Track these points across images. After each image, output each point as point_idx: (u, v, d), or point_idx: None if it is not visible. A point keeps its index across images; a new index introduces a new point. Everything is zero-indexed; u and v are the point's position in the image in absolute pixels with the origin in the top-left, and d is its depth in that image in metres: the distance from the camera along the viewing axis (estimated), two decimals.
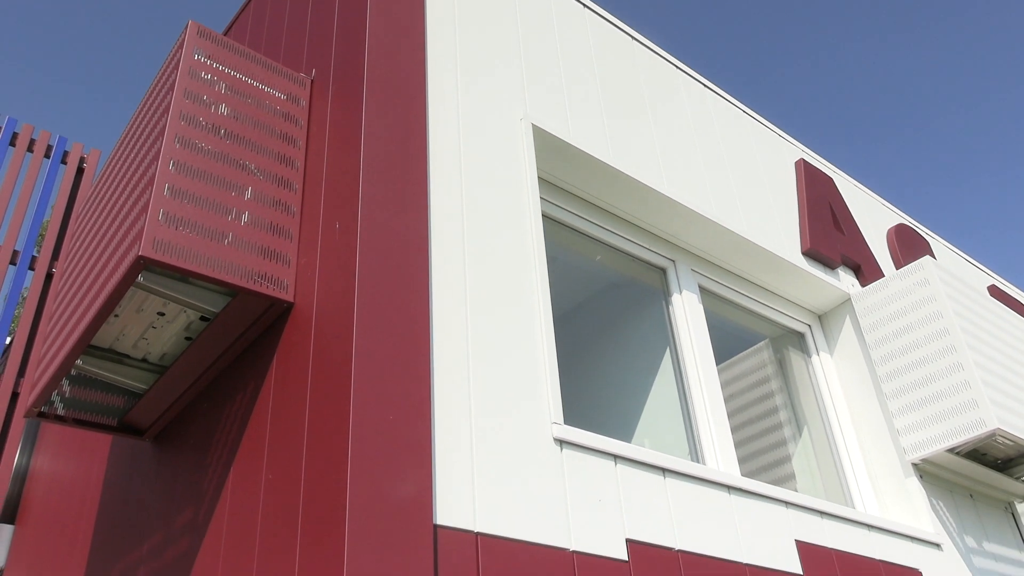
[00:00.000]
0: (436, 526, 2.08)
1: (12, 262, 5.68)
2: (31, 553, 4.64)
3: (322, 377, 2.23)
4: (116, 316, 2.82)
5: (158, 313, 2.79)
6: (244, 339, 2.73)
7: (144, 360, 3.05)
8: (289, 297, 2.54)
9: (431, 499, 2.08)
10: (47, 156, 6.13)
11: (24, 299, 7.15)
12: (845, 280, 4.30)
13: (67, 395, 3.14)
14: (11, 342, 5.58)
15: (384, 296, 2.28)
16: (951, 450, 3.74)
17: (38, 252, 5.93)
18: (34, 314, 5.61)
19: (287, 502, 2.17)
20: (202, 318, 2.78)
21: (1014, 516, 4.22)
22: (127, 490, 3.37)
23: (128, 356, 3.03)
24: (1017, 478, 4.09)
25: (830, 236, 4.34)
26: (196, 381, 2.95)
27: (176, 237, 2.40)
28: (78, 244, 3.30)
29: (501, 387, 2.45)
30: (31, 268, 5.77)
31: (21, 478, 5.53)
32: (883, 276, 4.38)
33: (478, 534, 2.15)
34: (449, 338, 2.39)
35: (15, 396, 5.33)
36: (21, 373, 5.39)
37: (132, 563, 3.05)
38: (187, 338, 2.89)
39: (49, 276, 5.79)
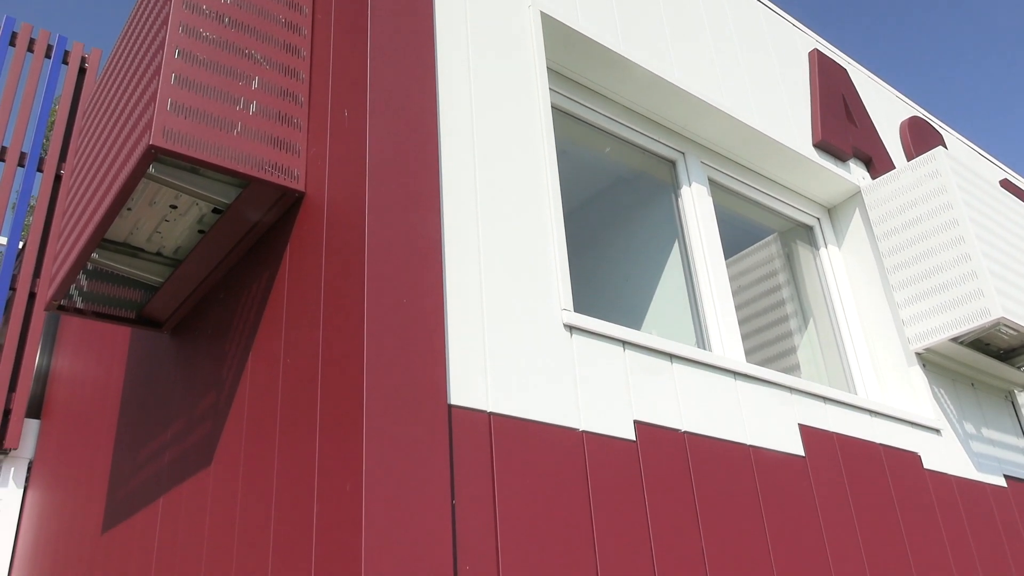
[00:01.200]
0: (450, 406, 2.15)
1: (20, 164, 5.68)
2: (57, 446, 4.81)
3: (336, 264, 2.26)
4: (129, 210, 2.84)
5: (170, 206, 2.81)
6: (257, 230, 2.75)
7: (159, 254, 3.09)
8: (300, 186, 2.55)
9: (445, 379, 2.15)
10: (48, 56, 6.05)
11: (34, 207, 7.18)
12: (856, 173, 4.27)
13: (85, 289, 3.20)
14: (24, 247, 5.64)
15: (395, 182, 2.29)
16: (955, 339, 3.79)
17: (45, 154, 5.92)
18: (45, 216, 5.64)
19: (305, 386, 2.24)
20: (214, 210, 2.80)
21: (1014, 404, 4.31)
22: (148, 382, 3.47)
23: (143, 250, 3.07)
24: (1019, 367, 4.16)
25: (842, 128, 4.29)
26: (211, 273, 3.00)
27: (185, 126, 2.40)
28: (87, 140, 3.30)
29: (512, 274, 2.48)
30: (39, 170, 5.77)
31: (43, 377, 5.67)
32: (894, 169, 4.34)
33: (491, 414, 2.22)
34: (461, 226, 2.42)
35: (32, 296, 5.42)
36: (37, 274, 5.47)
37: (157, 449, 3.17)
38: (200, 231, 2.92)
39: (58, 178, 5.80)
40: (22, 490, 5.22)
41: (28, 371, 5.21)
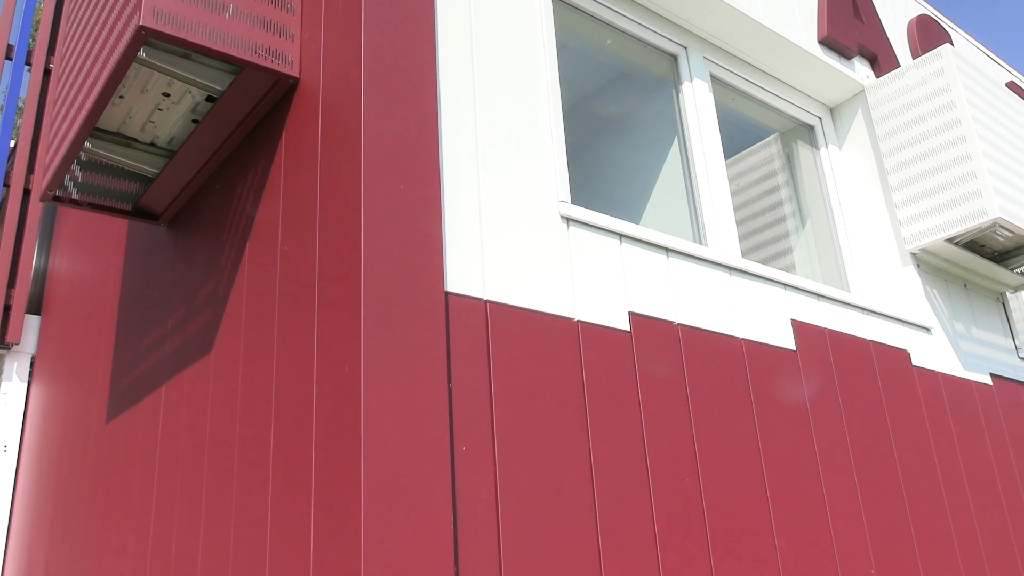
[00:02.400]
0: (447, 293, 2.17)
1: (8, 57, 5.56)
2: (59, 341, 4.87)
3: (332, 152, 2.25)
4: (121, 97, 2.80)
5: (163, 94, 2.77)
6: (251, 118, 2.72)
7: (153, 144, 3.06)
8: (294, 72, 2.51)
9: (442, 267, 2.16)
10: None
11: (23, 108, 7.05)
12: (860, 71, 4.20)
13: (80, 180, 3.18)
14: (16, 145, 5.57)
15: (391, 69, 2.25)
16: (950, 240, 3.80)
17: (33, 48, 5.79)
18: (36, 111, 5.56)
19: (303, 272, 2.26)
20: (208, 99, 2.76)
21: (1004, 306, 4.36)
22: (147, 274, 3.49)
23: (136, 140, 3.04)
24: (1012, 269, 4.19)
25: (849, 24, 4.19)
26: (206, 163, 2.98)
27: (176, 7, 2.34)
28: (75, 25, 3.22)
29: (509, 165, 2.47)
30: (27, 63, 5.65)
31: (41, 277, 5.70)
32: (899, 67, 4.27)
33: (487, 301, 2.25)
34: (457, 115, 2.39)
35: (27, 193, 5.39)
36: (31, 170, 5.42)
37: (158, 339, 3.21)
38: (194, 120, 2.89)
39: (47, 72, 5.68)
40: (26, 384, 5.32)
41: (27, 266, 5.23)
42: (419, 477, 1.91)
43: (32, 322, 5.42)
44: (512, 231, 2.39)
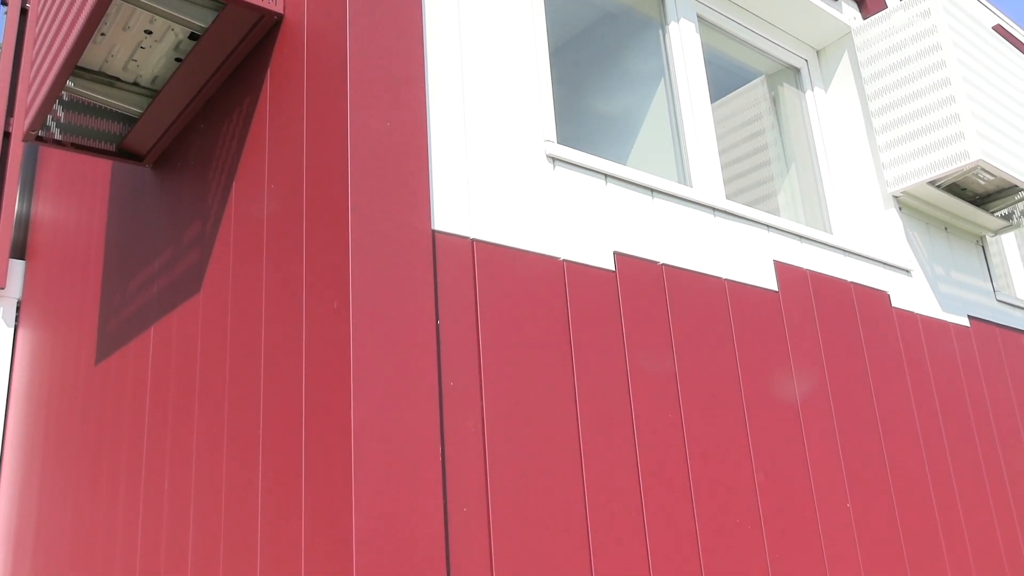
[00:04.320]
0: (434, 231, 2.19)
1: None
2: (45, 285, 4.87)
3: (318, 89, 2.24)
4: (103, 35, 2.76)
5: (145, 31, 2.73)
6: (235, 56, 2.70)
7: (136, 83, 3.03)
8: (278, 8, 2.49)
9: (429, 205, 2.18)
10: None
11: (0, 47, 6.91)
12: (847, 12, 4.18)
13: (62, 120, 3.15)
14: None
15: (376, 4, 2.23)
16: (932, 183, 3.84)
17: None
18: (14, 51, 5.46)
19: (291, 210, 2.27)
20: (191, 36, 2.73)
21: (984, 249, 4.42)
22: (132, 216, 3.48)
23: (119, 79, 3.01)
24: (993, 213, 4.24)
25: None
26: (191, 102, 2.96)
27: None
28: None
29: (496, 104, 2.47)
30: (3, 2, 5.54)
31: (25, 223, 5.66)
32: (886, 8, 4.25)
33: (474, 240, 2.27)
34: (444, 53, 2.38)
35: (7, 135, 5.33)
36: (10, 112, 5.35)
37: (145, 280, 3.22)
38: (177, 59, 2.86)
39: (24, 11, 5.57)
40: (12, 328, 5.32)
41: (9, 209, 5.20)
42: (407, 410, 1.95)
43: (17, 267, 5.40)
44: (498, 170, 2.40)
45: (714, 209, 3.03)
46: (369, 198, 2.05)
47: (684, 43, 3.52)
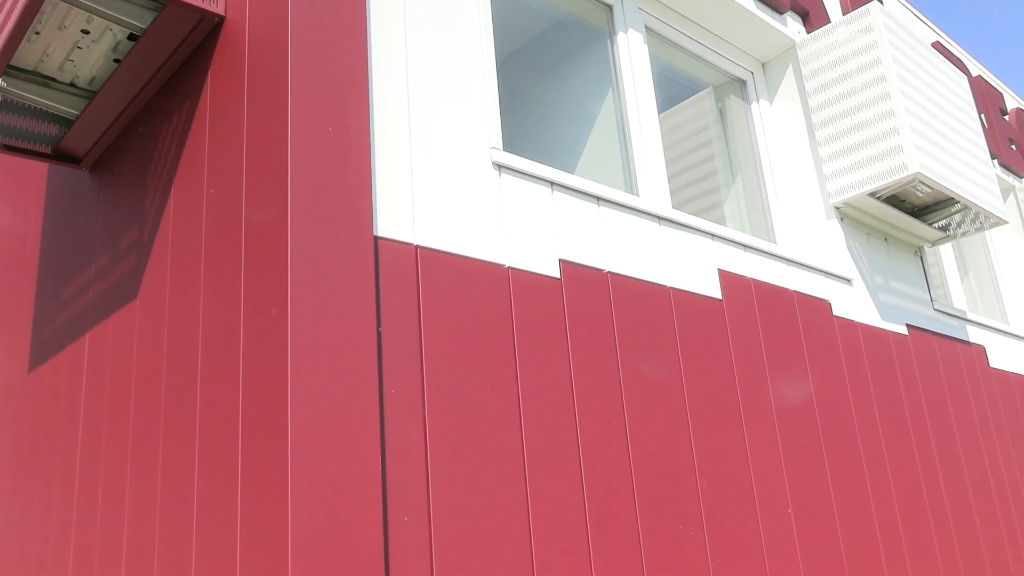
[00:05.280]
0: (377, 237, 2.17)
1: None
2: None
3: (259, 92, 2.20)
4: (37, 34, 2.69)
5: (82, 31, 2.67)
6: (175, 58, 2.65)
7: (72, 84, 2.95)
8: (219, 10, 2.44)
9: (371, 211, 2.15)
10: None
11: None
12: (792, 27, 4.26)
13: None
14: None
15: (320, 8, 2.21)
16: (873, 194, 3.92)
17: None
18: None
19: (229, 216, 2.23)
20: (130, 37, 2.67)
21: (922, 260, 4.53)
22: (69, 221, 3.39)
23: (55, 80, 2.93)
24: (931, 224, 4.35)
25: None
26: (129, 104, 2.89)
27: None
28: None
29: (442, 110, 2.46)
30: None
31: None
32: (829, 23, 4.34)
33: (418, 247, 2.25)
34: (390, 58, 2.36)
35: None
36: None
37: (81, 287, 3.14)
38: (115, 60, 2.79)
39: None
40: None
41: None
42: (347, 418, 1.93)
43: None
44: (443, 177, 2.39)
45: (660, 218, 3.05)
46: (309, 204, 2.02)
47: (632, 54, 3.55)
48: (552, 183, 2.72)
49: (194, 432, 2.21)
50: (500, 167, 2.57)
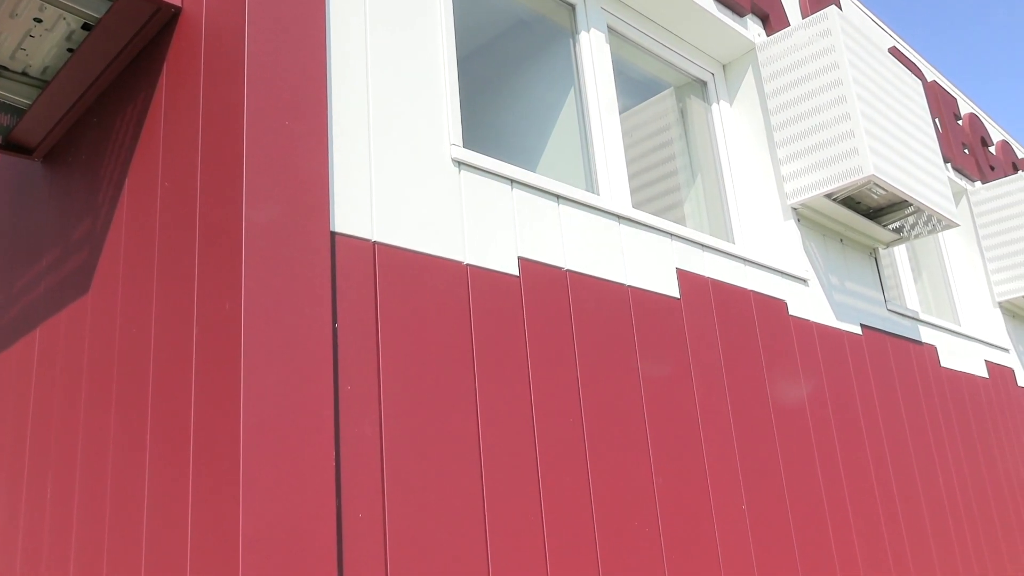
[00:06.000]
0: (334, 233, 2.16)
1: None
2: None
3: (215, 84, 2.18)
4: None
5: (35, 19, 2.62)
6: (131, 48, 2.61)
7: (24, 73, 2.89)
8: (176, 1, 2.41)
9: (328, 206, 2.14)
10: None
11: None
12: (752, 29, 4.32)
13: None
14: None
15: (278, 0, 2.19)
16: (829, 196, 3.99)
17: None
18: None
19: (184, 208, 2.20)
20: (84, 27, 2.63)
21: (876, 261, 4.62)
22: (20, 212, 3.32)
23: (6, 68, 2.87)
24: (885, 226, 4.43)
25: None
26: (83, 95, 2.84)
27: None
28: None
29: (401, 107, 2.45)
30: None
31: None
32: (789, 27, 4.40)
33: (376, 243, 2.25)
34: (348, 52, 2.35)
35: None
36: None
37: (32, 280, 3.08)
38: (69, 49, 2.74)
39: None
40: None
41: None
42: (300, 415, 1.92)
43: None
44: (403, 173, 2.38)
45: (619, 217, 3.07)
46: (264, 198, 2.00)
47: (594, 53, 3.57)
48: (512, 180, 2.72)
49: (145, 428, 2.19)
50: (460, 164, 2.57)
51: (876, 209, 4.36)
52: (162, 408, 2.13)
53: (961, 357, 5.16)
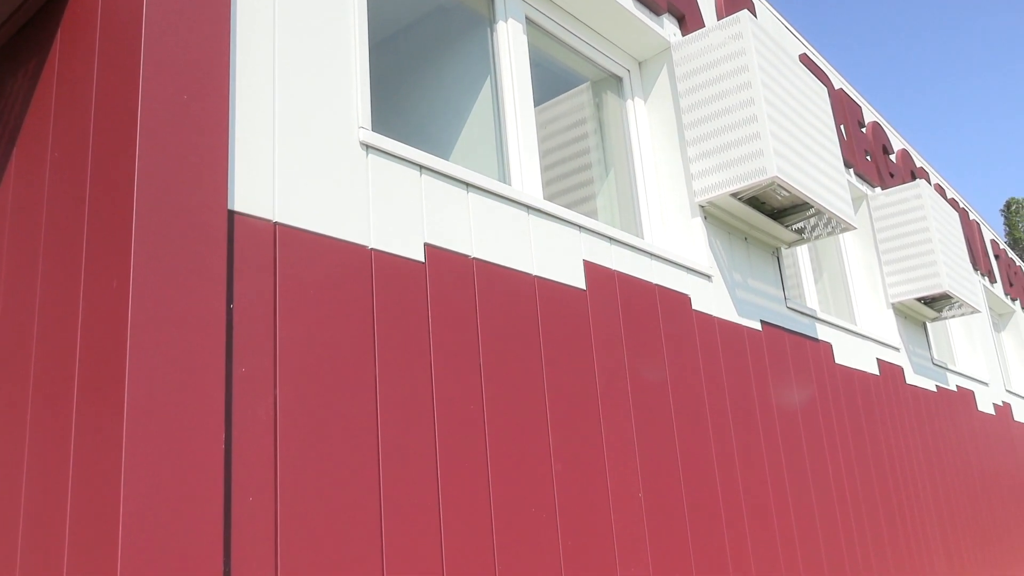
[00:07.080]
0: (232, 212, 2.11)
1: None
2: None
3: (110, 52, 2.10)
4: None
5: None
6: (22, 13, 2.49)
7: None
8: None
9: (227, 183, 2.09)
10: None
11: None
12: (668, 28, 4.40)
13: None
14: None
15: None
16: (735, 195, 4.10)
17: None
18: None
19: (73, 182, 2.12)
20: None
21: (778, 260, 4.78)
22: None
23: None
24: (788, 227, 4.59)
25: None
26: None
27: None
28: None
29: (309, 86, 2.41)
30: None
31: None
32: (704, 28, 4.50)
33: (276, 223, 2.21)
34: (254, 27, 2.30)
35: None
36: None
37: None
38: None
39: None
40: None
41: None
42: (189, 396, 1.87)
43: None
44: (308, 153, 2.35)
45: (528, 207, 3.10)
46: (157, 173, 1.94)
47: (511, 43, 3.58)
48: (421, 166, 2.71)
49: (26, 410, 2.10)
50: (368, 147, 2.55)
51: (780, 210, 4.50)
52: (44, 389, 2.05)
53: (855, 355, 5.39)
